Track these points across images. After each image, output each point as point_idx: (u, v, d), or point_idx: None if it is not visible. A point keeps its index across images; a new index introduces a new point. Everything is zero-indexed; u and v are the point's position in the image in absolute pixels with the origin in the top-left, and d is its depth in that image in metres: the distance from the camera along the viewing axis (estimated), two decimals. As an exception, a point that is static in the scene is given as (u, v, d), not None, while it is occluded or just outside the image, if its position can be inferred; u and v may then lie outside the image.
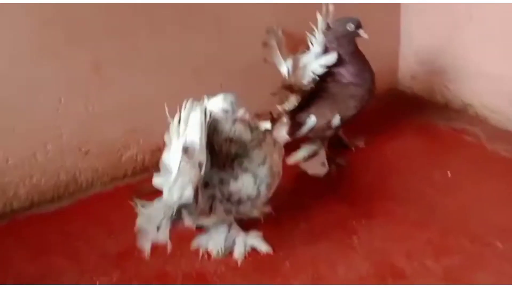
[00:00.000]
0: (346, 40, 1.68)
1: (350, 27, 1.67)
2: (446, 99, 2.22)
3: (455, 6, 2.07)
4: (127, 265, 1.38)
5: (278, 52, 1.71)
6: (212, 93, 1.87)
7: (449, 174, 1.71)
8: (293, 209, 1.58)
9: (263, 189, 1.30)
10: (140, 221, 1.16)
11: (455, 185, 1.66)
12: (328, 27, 1.67)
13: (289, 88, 1.71)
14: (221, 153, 1.28)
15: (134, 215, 1.17)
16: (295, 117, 1.73)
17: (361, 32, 1.67)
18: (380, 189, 1.67)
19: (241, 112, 1.23)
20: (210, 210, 1.30)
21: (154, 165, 1.60)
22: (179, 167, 1.14)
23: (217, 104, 1.24)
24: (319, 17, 1.66)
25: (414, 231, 1.44)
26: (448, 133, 2.01)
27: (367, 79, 1.73)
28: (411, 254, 1.36)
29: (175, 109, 1.23)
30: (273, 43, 1.71)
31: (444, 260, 1.33)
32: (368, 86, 1.73)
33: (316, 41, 1.68)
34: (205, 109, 1.21)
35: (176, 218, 1.17)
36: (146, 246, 1.18)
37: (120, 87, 1.71)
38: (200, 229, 1.41)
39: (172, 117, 1.26)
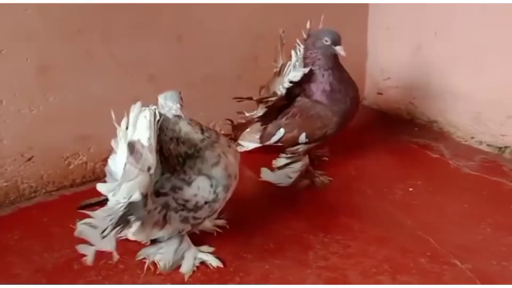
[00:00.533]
0: (322, 54, 1.55)
1: (326, 41, 1.53)
2: (412, 115, 2.21)
3: (421, 24, 2.08)
4: (62, 281, 1.28)
5: (280, 57, 1.71)
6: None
7: (411, 190, 1.67)
8: (249, 222, 1.51)
9: (220, 191, 1.23)
10: (81, 228, 1.08)
11: (417, 202, 1.62)
12: (307, 37, 1.60)
13: (259, 99, 1.69)
14: (171, 156, 1.21)
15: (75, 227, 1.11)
16: (268, 126, 1.71)
17: (337, 48, 1.52)
18: (341, 205, 1.62)
19: (174, 108, 1.15)
20: (164, 220, 1.22)
21: (105, 174, 1.51)
22: (124, 170, 1.07)
23: (159, 100, 1.17)
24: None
25: (372, 248, 1.39)
26: (413, 149, 1.98)
27: (339, 101, 1.58)
28: (367, 271, 1.29)
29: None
30: (278, 47, 1.70)
31: (400, 279, 1.27)
32: (339, 109, 1.58)
33: (296, 52, 1.63)
34: (155, 110, 1.15)
35: (123, 225, 1.09)
36: (89, 254, 1.10)
37: (69, 91, 1.62)
38: (152, 242, 1.33)
39: (120, 122, 1.19)
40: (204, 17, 1.83)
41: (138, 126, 1.13)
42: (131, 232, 1.23)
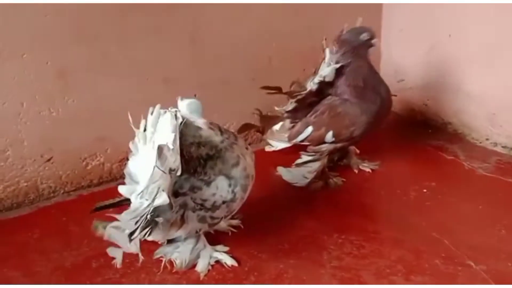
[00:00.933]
0: (357, 51, 1.60)
1: (365, 37, 1.58)
2: (426, 116, 2.20)
3: (434, 25, 2.07)
4: (81, 279, 1.30)
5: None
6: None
7: (425, 191, 1.67)
8: (263, 222, 1.52)
9: (238, 190, 1.25)
10: (110, 231, 1.10)
11: (431, 203, 1.61)
12: (339, 37, 1.62)
13: (289, 92, 1.73)
14: (192, 158, 1.23)
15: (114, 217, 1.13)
16: (296, 124, 1.73)
17: (374, 41, 1.59)
18: (355, 206, 1.62)
19: (200, 122, 1.17)
20: (182, 220, 1.24)
21: (122, 174, 1.53)
22: (152, 173, 1.09)
23: (182, 105, 1.19)
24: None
25: (386, 249, 1.39)
26: (427, 150, 1.98)
27: (370, 99, 1.59)
28: (381, 272, 1.30)
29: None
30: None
31: (414, 280, 1.27)
32: (368, 107, 1.59)
33: (330, 51, 1.64)
34: (176, 113, 1.17)
35: (151, 226, 1.12)
36: (117, 257, 1.12)
37: (87, 93, 1.66)
38: (169, 241, 1.35)
39: (137, 125, 1.22)
40: (217, 19, 1.86)
41: (161, 129, 1.16)
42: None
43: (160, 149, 1.10)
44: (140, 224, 1.08)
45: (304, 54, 2.07)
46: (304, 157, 1.73)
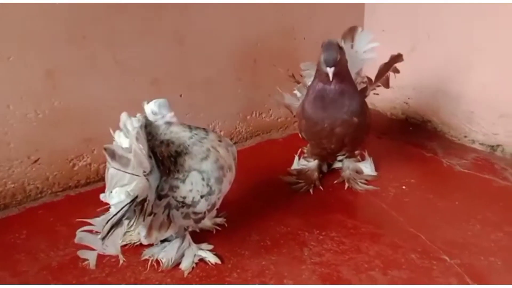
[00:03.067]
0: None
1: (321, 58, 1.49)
2: (407, 115, 2.26)
3: (414, 26, 2.12)
4: (68, 278, 1.33)
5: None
6: (171, 103, 1.88)
7: (404, 188, 1.72)
8: (247, 220, 1.56)
9: (213, 183, 1.28)
10: (81, 235, 1.13)
11: (409, 199, 1.67)
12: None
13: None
14: (164, 158, 1.27)
15: (80, 226, 1.14)
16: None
17: (328, 69, 1.46)
18: (335, 203, 1.67)
19: (169, 116, 1.22)
20: (169, 219, 1.29)
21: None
22: (108, 174, 1.13)
23: (147, 107, 1.23)
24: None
25: (364, 244, 1.44)
26: (407, 148, 2.04)
27: (317, 111, 1.56)
28: (359, 267, 1.35)
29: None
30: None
31: (391, 273, 1.32)
32: (311, 117, 1.58)
33: None
34: (142, 117, 1.21)
35: (115, 228, 1.13)
36: (90, 259, 1.14)
37: (74, 95, 1.68)
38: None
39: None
40: (204, 20, 1.88)
41: (125, 134, 1.20)
42: (142, 236, 1.31)
43: (109, 151, 1.14)
44: (106, 226, 1.11)
45: (288, 54, 2.11)
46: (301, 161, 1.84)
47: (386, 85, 1.71)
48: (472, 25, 1.91)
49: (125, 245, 1.40)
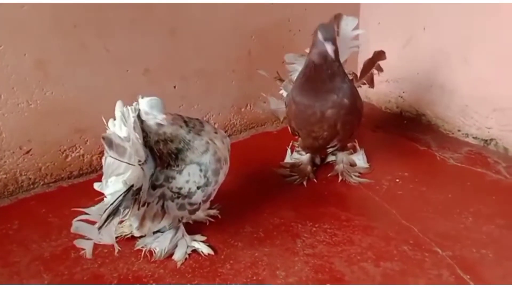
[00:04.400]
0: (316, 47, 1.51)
1: (320, 36, 1.47)
2: (401, 108, 2.26)
3: (410, 18, 2.12)
4: (60, 268, 1.33)
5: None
6: (165, 94, 1.87)
7: (398, 181, 1.73)
8: (240, 212, 1.56)
9: (210, 175, 1.28)
10: (77, 224, 1.12)
11: (402, 192, 1.67)
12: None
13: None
14: (163, 154, 1.26)
15: (72, 217, 1.13)
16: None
17: (327, 45, 1.45)
18: (329, 195, 1.67)
19: (160, 118, 1.19)
20: (163, 210, 1.28)
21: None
22: (106, 163, 1.12)
23: (140, 106, 1.20)
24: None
25: (357, 236, 1.44)
26: (401, 141, 2.04)
27: (307, 98, 1.55)
28: (352, 258, 1.35)
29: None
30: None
31: (383, 265, 1.32)
32: (300, 102, 1.56)
33: None
34: (134, 106, 1.20)
35: (113, 216, 1.13)
36: (87, 248, 1.14)
37: (66, 85, 1.67)
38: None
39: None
40: (197, 11, 1.87)
41: (123, 122, 1.19)
42: (134, 228, 1.31)
43: (107, 139, 1.13)
44: (103, 215, 1.11)
45: (283, 46, 2.10)
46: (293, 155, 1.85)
47: (371, 83, 1.71)
48: (467, 19, 1.90)
49: (117, 237, 1.40)
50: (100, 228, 1.11)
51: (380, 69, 1.69)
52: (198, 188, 1.28)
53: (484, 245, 1.39)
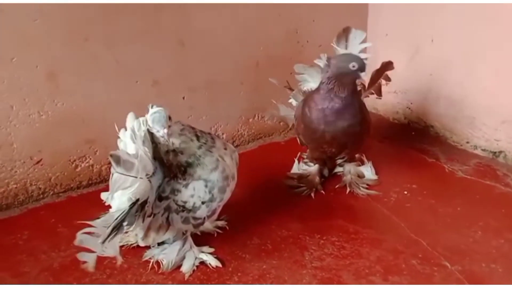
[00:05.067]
0: (339, 79, 1.49)
1: (354, 66, 1.46)
2: (409, 119, 2.26)
3: (417, 30, 2.12)
4: (69, 279, 1.34)
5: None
6: (173, 105, 1.89)
7: (406, 193, 1.72)
8: (248, 224, 1.56)
9: (216, 192, 1.28)
10: (81, 237, 1.12)
11: (411, 205, 1.67)
12: (329, 58, 1.55)
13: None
14: (172, 165, 1.26)
15: (81, 227, 1.14)
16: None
17: (361, 74, 1.48)
18: (337, 208, 1.67)
19: (162, 133, 1.18)
20: (168, 222, 1.29)
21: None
22: (112, 179, 1.14)
23: (148, 119, 1.21)
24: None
25: (365, 249, 1.44)
26: (410, 153, 2.03)
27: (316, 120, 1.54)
28: (360, 272, 1.35)
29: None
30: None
31: (392, 279, 1.32)
32: (311, 123, 1.56)
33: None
34: (142, 120, 1.21)
35: (116, 232, 1.14)
36: (90, 261, 1.14)
37: (77, 96, 1.69)
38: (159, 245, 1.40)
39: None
40: (205, 23, 1.89)
41: (132, 138, 1.21)
42: (139, 238, 1.31)
43: (114, 156, 1.13)
44: (108, 229, 1.12)
45: (291, 58, 2.10)
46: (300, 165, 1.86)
47: (379, 93, 1.71)
48: (475, 30, 1.90)
49: (122, 246, 1.41)
50: (103, 242, 1.11)
51: (388, 79, 1.70)
52: (202, 203, 1.28)
53: (494, 260, 1.38)
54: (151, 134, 1.22)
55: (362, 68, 1.48)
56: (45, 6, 1.54)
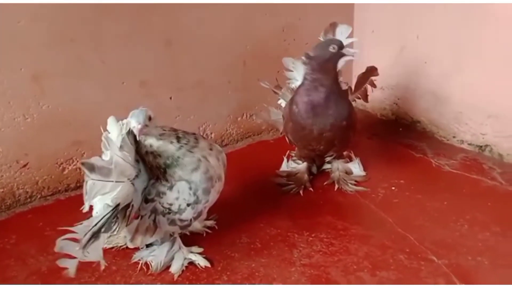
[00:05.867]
0: (323, 67, 1.51)
1: (334, 48, 1.50)
2: (396, 115, 2.28)
3: (403, 26, 2.14)
4: (57, 282, 1.33)
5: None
6: (161, 105, 1.89)
7: (394, 189, 1.74)
8: (237, 222, 1.56)
9: (200, 193, 1.28)
10: (62, 244, 1.12)
11: (398, 200, 1.68)
12: (307, 55, 1.54)
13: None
14: (152, 167, 1.27)
15: (66, 232, 1.14)
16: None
17: (346, 51, 1.50)
18: (325, 204, 1.68)
19: (136, 128, 1.17)
20: (155, 224, 1.29)
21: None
22: (85, 187, 1.14)
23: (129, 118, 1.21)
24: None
25: (354, 245, 1.45)
26: (397, 149, 2.05)
27: (305, 115, 1.55)
28: (348, 268, 1.36)
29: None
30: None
31: (379, 274, 1.33)
32: (298, 120, 1.57)
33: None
34: (122, 124, 1.22)
35: (94, 239, 1.13)
36: (71, 267, 1.13)
37: (63, 98, 1.68)
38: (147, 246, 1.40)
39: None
40: (192, 23, 1.89)
41: (105, 146, 1.22)
42: (128, 240, 1.31)
43: (87, 164, 1.13)
44: (87, 236, 1.11)
45: (278, 56, 2.10)
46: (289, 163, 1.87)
47: (365, 99, 1.74)
48: (460, 26, 1.92)
49: (112, 247, 1.41)
50: (83, 248, 1.11)
51: (373, 85, 1.73)
52: (188, 205, 1.28)
53: (480, 253, 1.39)
54: (134, 136, 1.22)
55: (341, 46, 1.51)
56: (29, 8, 1.53)
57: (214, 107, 2.08)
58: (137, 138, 1.21)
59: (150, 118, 1.19)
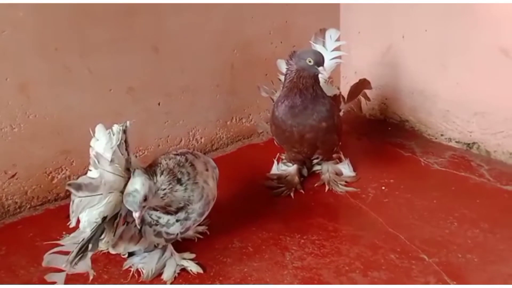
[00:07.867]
0: (299, 73, 1.53)
1: (310, 62, 1.50)
2: (385, 115, 2.29)
3: (389, 27, 2.15)
4: (49, 293, 1.32)
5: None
6: (149, 111, 1.88)
7: (384, 188, 1.75)
8: (229, 227, 1.56)
9: (194, 215, 1.29)
10: (48, 258, 1.12)
11: (388, 200, 1.69)
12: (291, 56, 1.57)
13: None
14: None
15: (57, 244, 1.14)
16: None
17: (320, 69, 1.50)
18: (316, 206, 1.68)
19: (136, 215, 1.16)
20: (140, 234, 1.28)
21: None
22: (72, 205, 1.14)
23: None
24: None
25: (345, 246, 1.46)
26: (386, 148, 2.06)
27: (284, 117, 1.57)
28: (340, 269, 1.36)
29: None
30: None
31: (371, 275, 1.34)
32: (280, 123, 1.59)
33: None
34: (114, 132, 1.21)
35: (81, 255, 1.14)
36: (59, 281, 1.13)
37: (50, 107, 1.66)
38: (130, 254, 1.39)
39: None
40: (178, 27, 1.88)
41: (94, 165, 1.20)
42: (111, 246, 1.29)
43: (74, 185, 1.12)
44: (74, 252, 1.12)
45: (266, 59, 2.12)
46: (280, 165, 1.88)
47: (359, 110, 1.80)
48: (445, 25, 1.94)
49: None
50: (71, 263, 1.11)
51: (368, 99, 1.77)
52: (177, 221, 1.28)
53: (469, 250, 1.41)
54: (125, 143, 1.21)
55: (318, 62, 1.50)
56: (13, 17, 1.52)
57: (203, 112, 2.07)
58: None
59: (146, 198, 1.16)
